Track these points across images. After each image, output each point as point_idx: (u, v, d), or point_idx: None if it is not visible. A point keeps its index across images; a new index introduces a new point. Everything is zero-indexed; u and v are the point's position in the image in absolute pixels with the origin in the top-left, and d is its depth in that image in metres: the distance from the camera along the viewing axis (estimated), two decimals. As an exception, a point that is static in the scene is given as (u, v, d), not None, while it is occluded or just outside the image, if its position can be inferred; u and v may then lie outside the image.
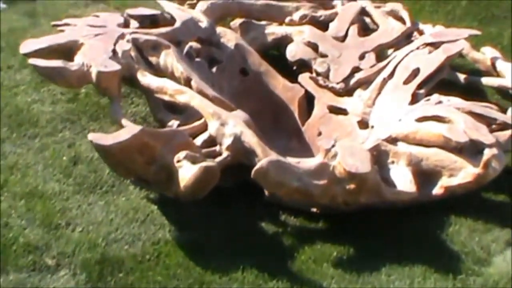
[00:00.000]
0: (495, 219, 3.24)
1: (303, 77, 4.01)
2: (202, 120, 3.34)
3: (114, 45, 3.56)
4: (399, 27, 4.18)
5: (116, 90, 3.46)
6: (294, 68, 4.14)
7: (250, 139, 3.17)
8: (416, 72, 3.84)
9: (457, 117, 3.29)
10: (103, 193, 3.40)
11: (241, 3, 4.32)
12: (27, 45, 3.49)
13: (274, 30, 4.31)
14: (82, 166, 3.54)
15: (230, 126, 3.22)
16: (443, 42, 3.96)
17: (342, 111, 3.89)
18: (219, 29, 4.14)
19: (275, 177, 2.94)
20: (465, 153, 3.21)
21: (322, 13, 4.34)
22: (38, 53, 3.43)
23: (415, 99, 3.68)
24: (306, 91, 3.99)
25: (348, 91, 3.95)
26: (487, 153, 3.11)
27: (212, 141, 3.27)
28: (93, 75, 3.38)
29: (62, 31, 3.70)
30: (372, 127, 3.72)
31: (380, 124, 3.67)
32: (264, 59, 4.14)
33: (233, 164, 3.22)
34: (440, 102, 3.52)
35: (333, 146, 3.05)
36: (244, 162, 3.20)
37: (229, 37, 4.11)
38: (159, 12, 3.99)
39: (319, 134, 3.88)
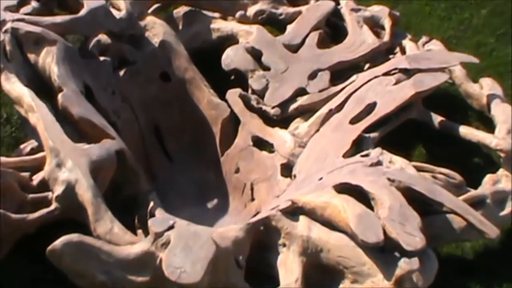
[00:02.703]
0: None
1: (232, 94, 2.83)
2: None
3: (-18, 36, 2.55)
4: (371, 42, 2.94)
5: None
6: (232, 77, 3.00)
7: (84, 192, 2.10)
8: (371, 108, 2.63)
9: (384, 197, 2.08)
10: None
11: (188, -13, 3.18)
12: None
13: (220, 26, 3.12)
14: None
15: (67, 169, 2.16)
16: (419, 70, 2.72)
17: (267, 146, 2.74)
18: (148, 20, 3.01)
19: (72, 265, 1.87)
20: (387, 251, 2.05)
21: (284, 10, 3.13)
22: None
23: (354, 147, 2.50)
24: (233, 112, 2.86)
25: (284, 119, 2.77)
26: (403, 266, 1.92)
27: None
28: None
29: None
30: (295, 176, 2.57)
31: (303, 176, 2.51)
32: (202, 61, 3.04)
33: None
34: (378, 163, 2.32)
35: (170, 228, 1.93)
36: (78, 220, 2.15)
37: (156, 31, 2.97)
38: (70, -7, 2.92)
39: (237, 170, 2.76)
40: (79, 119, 2.39)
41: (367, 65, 3.01)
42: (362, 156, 2.39)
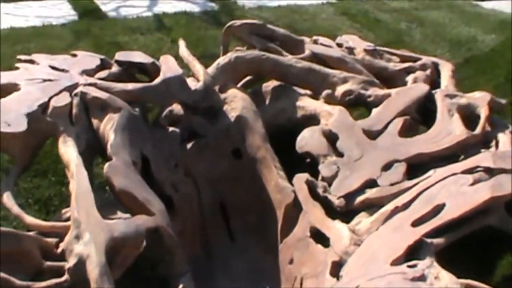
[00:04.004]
0: None
1: (298, 179, 2.60)
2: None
3: (51, 97, 2.58)
4: (459, 133, 2.59)
5: (18, 155, 2.47)
6: (308, 160, 2.77)
7: (93, 269, 1.98)
8: (438, 209, 2.28)
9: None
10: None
11: (277, 61, 3.00)
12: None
13: (305, 104, 2.93)
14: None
15: (83, 242, 2.06)
16: (504, 171, 2.33)
17: (325, 240, 2.46)
18: (229, 93, 2.90)
19: None
20: None
21: (373, 92, 2.87)
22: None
23: (407, 254, 2.16)
24: (297, 198, 2.62)
25: (348, 212, 2.50)
26: None
27: (69, 254, 2.16)
28: (-7, 132, 2.45)
29: (17, 68, 2.82)
30: (341, 277, 2.27)
31: (346, 280, 2.21)
32: (283, 139, 2.86)
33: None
34: (421, 277, 1.97)
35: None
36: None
37: (235, 105, 2.85)
38: (150, 61, 2.89)
39: (291, 261, 2.52)
40: (119, 191, 2.30)
41: (462, 157, 2.67)
42: (409, 266, 2.06)
